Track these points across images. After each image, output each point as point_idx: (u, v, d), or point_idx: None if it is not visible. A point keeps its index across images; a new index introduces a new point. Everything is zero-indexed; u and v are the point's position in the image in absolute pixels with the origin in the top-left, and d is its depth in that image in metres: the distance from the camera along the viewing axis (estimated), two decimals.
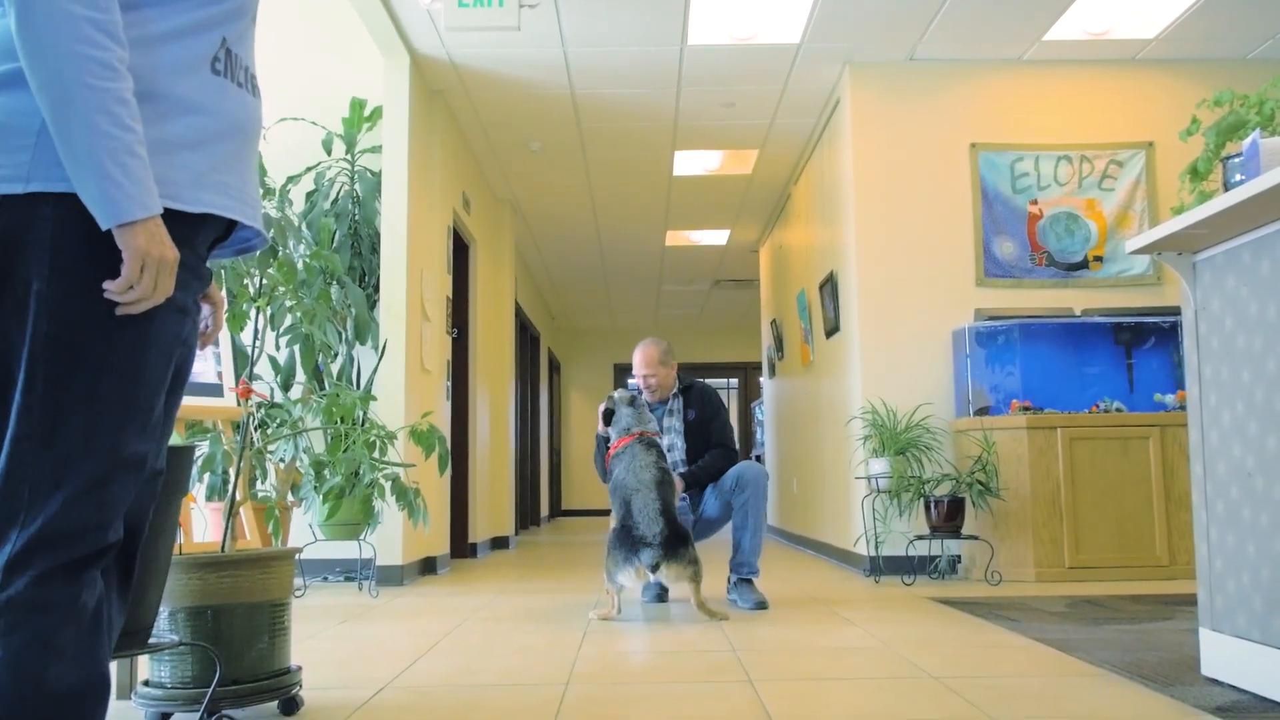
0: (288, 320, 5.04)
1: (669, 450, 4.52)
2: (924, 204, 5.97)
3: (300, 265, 5.07)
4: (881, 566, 5.47)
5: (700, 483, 4.53)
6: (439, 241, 6.41)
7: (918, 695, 2.61)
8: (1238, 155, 2.54)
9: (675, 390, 4.69)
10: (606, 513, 4.88)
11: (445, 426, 6.60)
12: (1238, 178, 2.51)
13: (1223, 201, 2.38)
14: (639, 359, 4.69)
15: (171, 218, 1.32)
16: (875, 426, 5.61)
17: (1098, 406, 5.40)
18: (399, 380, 5.48)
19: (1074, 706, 2.45)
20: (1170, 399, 5.37)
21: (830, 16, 5.49)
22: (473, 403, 7.52)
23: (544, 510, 13.09)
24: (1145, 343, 5.55)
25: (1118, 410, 5.37)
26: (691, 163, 8.00)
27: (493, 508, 8.30)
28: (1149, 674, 2.75)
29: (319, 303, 4.77)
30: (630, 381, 5.00)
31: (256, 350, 4.87)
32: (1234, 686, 2.57)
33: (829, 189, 6.80)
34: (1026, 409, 5.36)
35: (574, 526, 12.48)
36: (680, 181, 8.44)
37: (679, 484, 4.37)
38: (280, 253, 4.83)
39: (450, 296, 6.81)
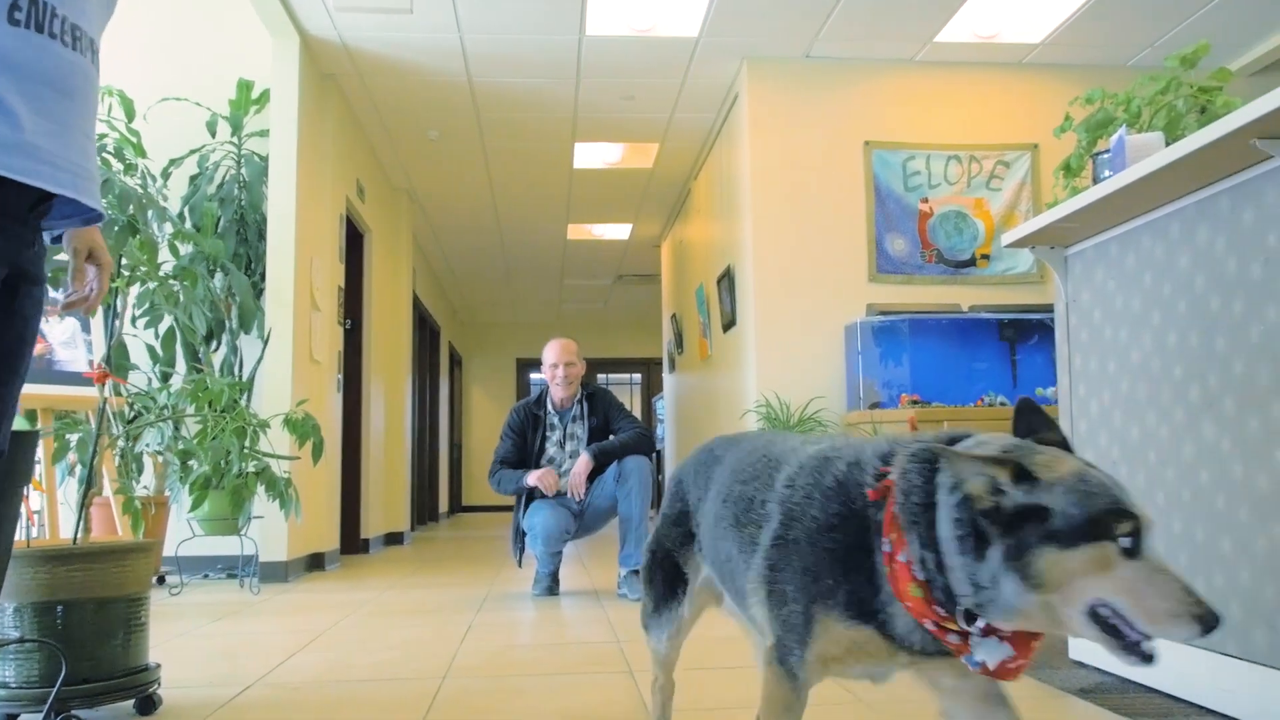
0: (148, 304, 4.85)
1: (571, 457, 4.57)
2: (819, 200, 6.04)
3: (164, 245, 4.86)
4: None
5: (612, 457, 4.49)
6: (330, 229, 6.25)
7: None
8: (1106, 151, 2.60)
9: (580, 396, 4.70)
10: (508, 509, 4.87)
11: (336, 419, 6.44)
12: (1106, 173, 2.57)
13: (1090, 196, 2.44)
14: (556, 348, 4.68)
15: None
16: (769, 419, 5.65)
17: (983, 400, 5.53)
18: (285, 370, 5.32)
19: None
20: (1051, 392, 5.52)
21: (727, 11, 5.51)
22: (366, 395, 7.36)
23: (443, 505, 12.91)
24: (1029, 338, 5.70)
25: (1001, 404, 5.50)
26: (592, 155, 7.96)
27: (387, 503, 8.13)
28: None
29: (186, 287, 4.58)
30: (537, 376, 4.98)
31: (115, 334, 4.66)
32: (1099, 669, 2.64)
33: (727, 184, 6.83)
34: (915, 402, 5.45)
35: (474, 522, 12.33)
36: (581, 174, 8.39)
37: (588, 464, 4.40)
38: (141, 232, 4.63)
39: (343, 286, 6.64)
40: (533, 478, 4.46)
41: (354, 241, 7.20)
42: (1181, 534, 2.31)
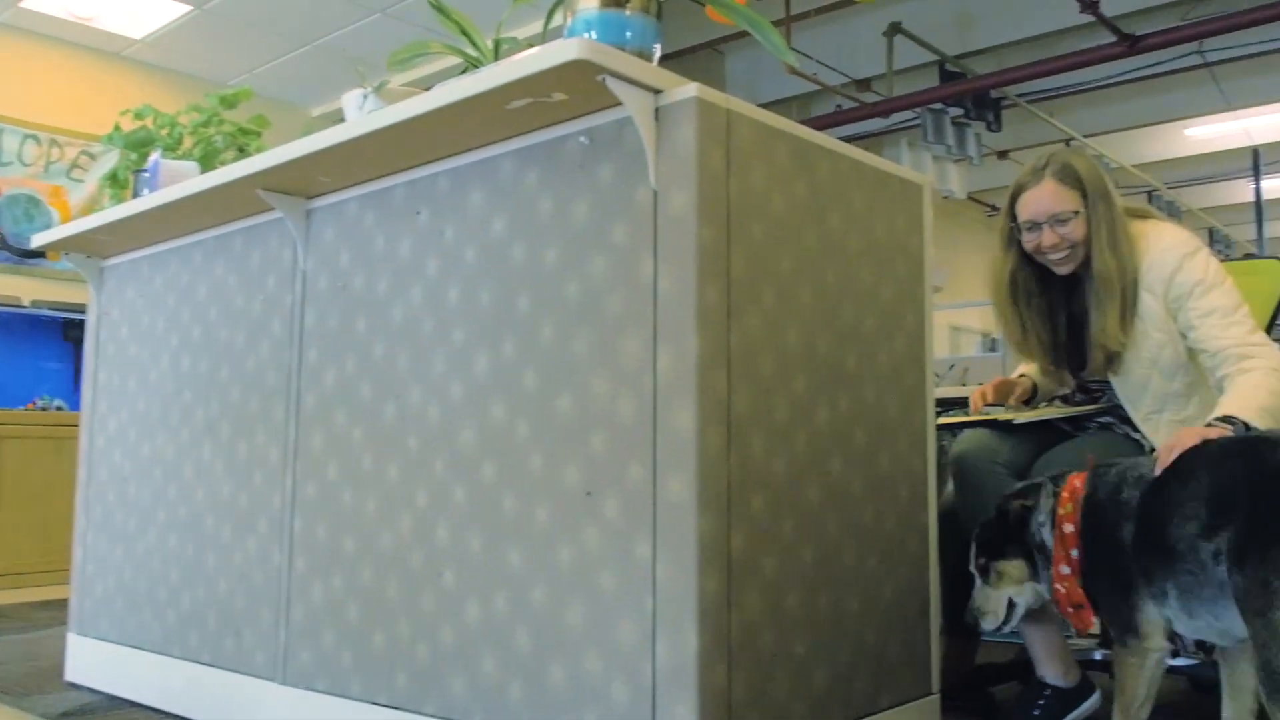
0: None
1: None
2: None
3: None
4: None
5: None
6: None
7: None
8: (147, 170, 2.61)
9: None
10: None
11: None
12: (145, 191, 2.58)
13: (119, 211, 2.43)
14: None
15: None
16: None
17: (36, 403, 5.14)
18: None
19: None
20: None
21: None
22: None
23: None
24: None
25: (58, 409, 5.18)
26: None
27: None
28: (10, 686, 2.64)
29: None
30: None
31: None
32: (92, 689, 2.60)
33: None
34: None
35: None
36: None
37: None
38: None
39: None
40: None
41: None
42: (175, 548, 2.41)
